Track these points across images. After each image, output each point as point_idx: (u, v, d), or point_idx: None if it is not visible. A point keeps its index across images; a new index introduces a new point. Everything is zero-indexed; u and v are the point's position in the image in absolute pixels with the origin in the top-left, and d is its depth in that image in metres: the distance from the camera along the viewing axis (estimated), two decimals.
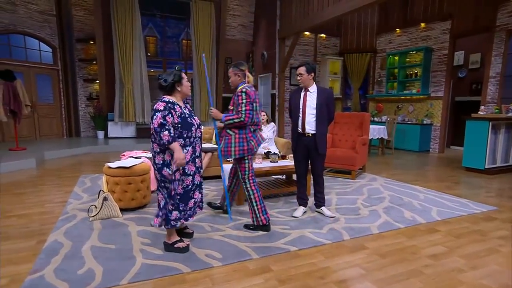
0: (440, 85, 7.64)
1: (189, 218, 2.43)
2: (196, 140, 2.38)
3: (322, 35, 9.33)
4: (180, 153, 2.19)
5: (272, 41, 9.00)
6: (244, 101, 2.66)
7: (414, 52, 8.07)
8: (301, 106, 3.03)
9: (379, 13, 9.01)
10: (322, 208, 3.22)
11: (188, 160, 2.30)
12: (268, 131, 4.99)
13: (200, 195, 2.50)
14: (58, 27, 8.47)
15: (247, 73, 2.78)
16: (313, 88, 3.03)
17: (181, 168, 2.28)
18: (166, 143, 2.16)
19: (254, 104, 2.72)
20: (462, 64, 8.33)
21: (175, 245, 2.37)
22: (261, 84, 9.98)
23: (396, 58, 8.55)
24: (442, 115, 7.66)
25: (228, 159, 2.88)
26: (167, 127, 2.16)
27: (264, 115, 4.97)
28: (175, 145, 2.19)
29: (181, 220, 2.37)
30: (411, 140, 7.90)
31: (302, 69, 2.97)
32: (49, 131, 8.66)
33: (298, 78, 3.01)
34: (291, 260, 2.28)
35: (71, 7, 8.62)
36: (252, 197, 2.79)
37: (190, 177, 2.35)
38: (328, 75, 9.15)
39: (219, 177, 4.06)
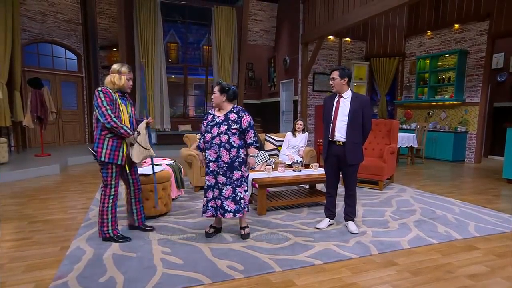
0: (477, 90, 7.34)
1: (203, 214, 2.85)
2: (213, 146, 2.73)
3: (347, 39, 9.25)
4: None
5: (295, 46, 9.03)
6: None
7: (447, 55, 7.82)
8: (333, 112, 2.99)
9: (408, 14, 8.83)
10: (348, 222, 3.11)
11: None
12: (301, 140, 4.99)
13: (219, 200, 2.77)
14: (83, 35, 8.93)
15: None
16: (347, 94, 2.97)
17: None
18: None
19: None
20: (502, 67, 7.96)
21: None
22: (283, 90, 10.00)
23: (427, 62, 8.32)
24: (479, 122, 7.34)
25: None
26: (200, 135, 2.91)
27: (301, 124, 4.99)
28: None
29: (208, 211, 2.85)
30: (444, 149, 7.62)
31: (335, 73, 2.93)
32: (72, 137, 9.06)
33: (331, 82, 2.98)
34: (316, 275, 2.24)
35: (96, 15, 9.06)
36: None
37: (208, 176, 2.78)
38: (353, 80, 9.03)
39: None
